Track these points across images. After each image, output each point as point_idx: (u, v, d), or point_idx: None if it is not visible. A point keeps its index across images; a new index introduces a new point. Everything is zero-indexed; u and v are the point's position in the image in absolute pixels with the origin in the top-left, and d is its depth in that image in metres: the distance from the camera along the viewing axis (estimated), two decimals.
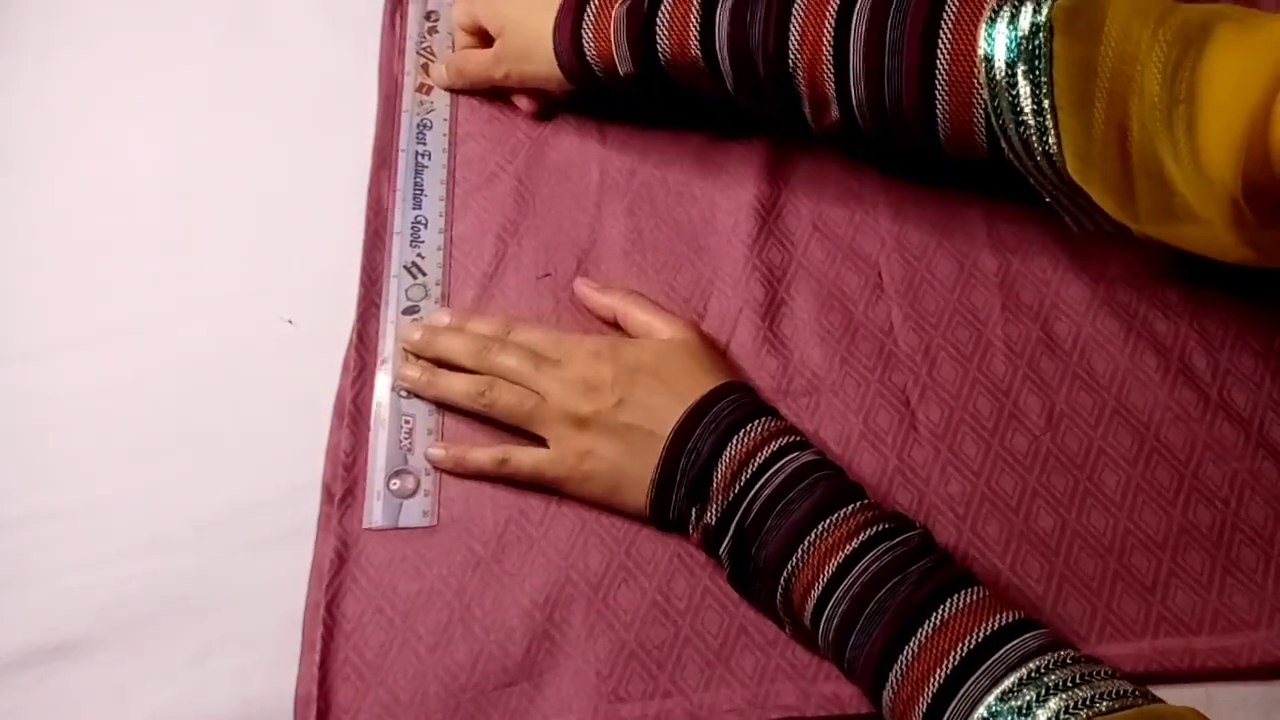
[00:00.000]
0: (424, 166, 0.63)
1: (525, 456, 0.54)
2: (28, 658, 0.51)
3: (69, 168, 0.64)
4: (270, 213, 0.62)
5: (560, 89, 0.61)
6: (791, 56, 0.53)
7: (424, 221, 0.61)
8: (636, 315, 0.57)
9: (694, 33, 0.54)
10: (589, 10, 0.57)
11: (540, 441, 0.54)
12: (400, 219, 0.61)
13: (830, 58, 0.52)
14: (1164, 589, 0.52)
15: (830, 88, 0.53)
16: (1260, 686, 0.51)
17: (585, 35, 0.57)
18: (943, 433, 0.56)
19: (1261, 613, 0.52)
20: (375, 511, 0.54)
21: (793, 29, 0.52)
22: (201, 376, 0.58)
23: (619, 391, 0.53)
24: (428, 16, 0.67)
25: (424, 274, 0.60)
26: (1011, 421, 0.56)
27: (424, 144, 0.63)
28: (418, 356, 0.57)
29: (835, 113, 0.54)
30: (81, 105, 0.65)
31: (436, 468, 0.55)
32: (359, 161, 0.63)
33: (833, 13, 0.52)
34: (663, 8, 0.55)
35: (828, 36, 0.52)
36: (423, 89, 0.65)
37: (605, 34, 0.56)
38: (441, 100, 0.65)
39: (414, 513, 0.54)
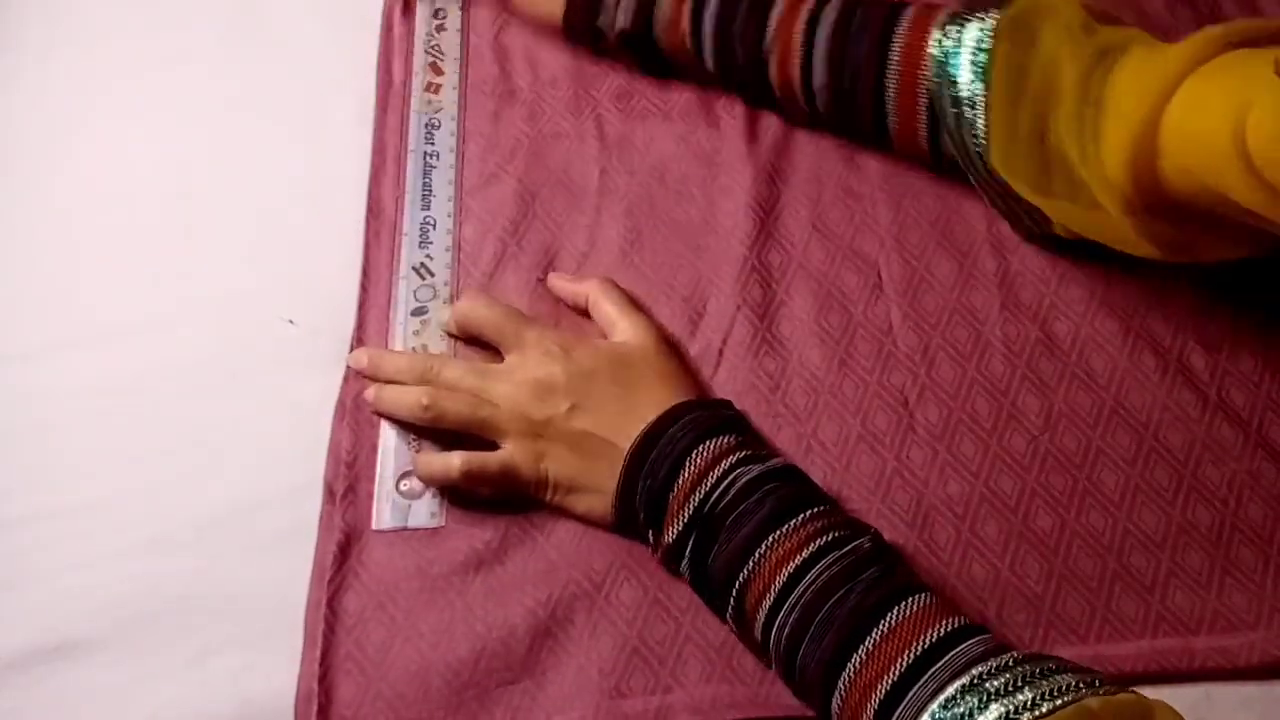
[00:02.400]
0: (432, 167, 0.63)
1: (489, 458, 0.53)
2: (28, 658, 0.51)
3: (69, 168, 0.63)
4: (270, 212, 0.62)
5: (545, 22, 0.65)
6: (766, 44, 0.59)
7: (433, 223, 0.61)
8: (603, 307, 0.57)
9: (686, 16, 0.60)
10: None
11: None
12: (409, 220, 0.61)
13: (800, 47, 0.58)
14: (1163, 589, 0.52)
15: (796, 73, 0.59)
16: (1259, 686, 0.51)
17: None
18: (941, 433, 0.56)
19: (1260, 612, 0.52)
20: (384, 513, 0.54)
21: (770, 21, 0.59)
22: (201, 376, 0.57)
23: (572, 396, 0.52)
24: (435, 14, 0.67)
25: (432, 274, 0.60)
26: (1010, 422, 0.56)
27: (432, 144, 0.63)
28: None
29: (802, 101, 0.60)
30: (81, 105, 0.65)
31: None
32: (359, 162, 0.63)
33: (807, 11, 0.58)
34: None
35: (799, 28, 0.58)
36: (431, 88, 0.65)
37: None
38: (450, 100, 0.65)
39: (422, 514, 0.54)
